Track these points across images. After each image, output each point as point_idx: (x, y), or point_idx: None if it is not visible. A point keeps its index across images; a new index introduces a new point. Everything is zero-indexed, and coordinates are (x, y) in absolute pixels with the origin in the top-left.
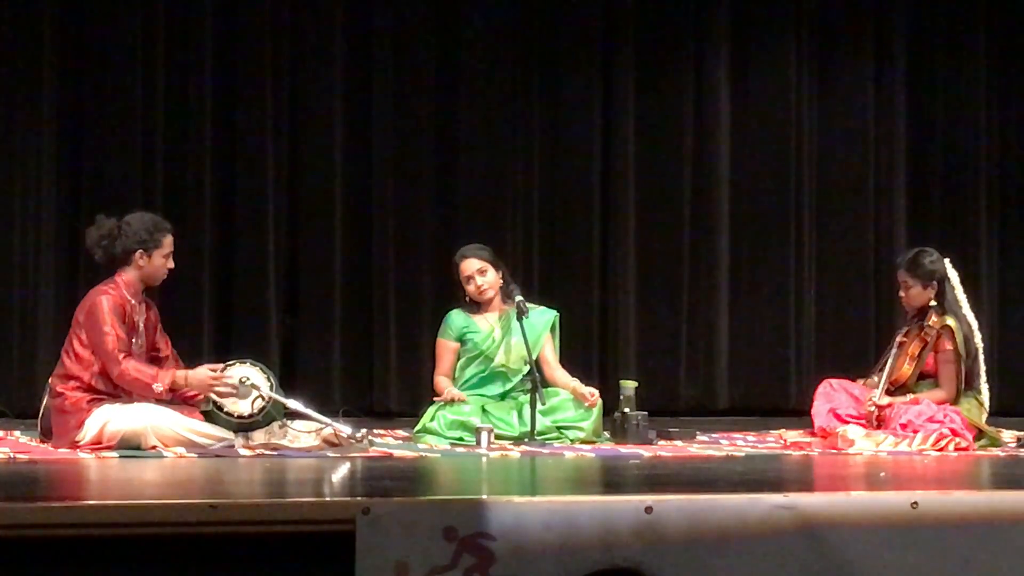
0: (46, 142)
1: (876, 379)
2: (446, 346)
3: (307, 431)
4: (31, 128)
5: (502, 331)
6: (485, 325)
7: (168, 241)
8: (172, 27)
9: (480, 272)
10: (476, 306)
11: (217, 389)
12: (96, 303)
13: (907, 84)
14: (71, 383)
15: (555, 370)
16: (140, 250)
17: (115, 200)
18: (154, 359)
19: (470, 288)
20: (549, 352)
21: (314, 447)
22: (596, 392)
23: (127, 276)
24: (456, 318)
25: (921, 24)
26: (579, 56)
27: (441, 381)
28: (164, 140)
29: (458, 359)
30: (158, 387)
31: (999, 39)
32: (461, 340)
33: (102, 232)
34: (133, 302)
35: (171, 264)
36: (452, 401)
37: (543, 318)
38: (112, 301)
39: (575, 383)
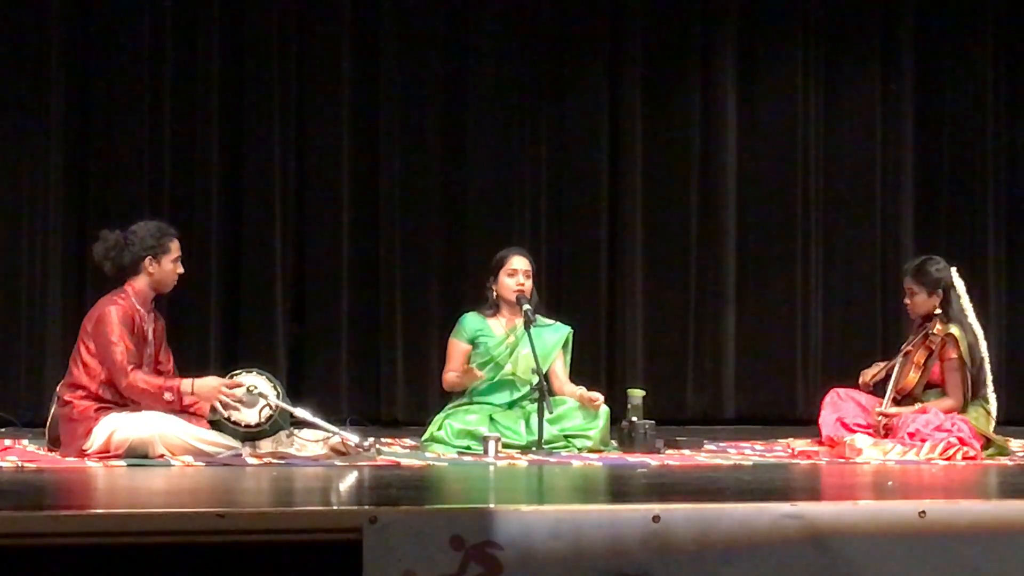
0: (53, 153)
1: (881, 367)
2: (458, 346)
3: (314, 440)
4: (38, 139)
5: (515, 339)
6: (499, 331)
7: (175, 246)
8: (179, 38)
9: (526, 274)
10: (492, 311)
11: (222, 398)
12: (105, 313)
13: (914, 91)
14: (78, 392)
15: (564, 384)
16: (149, 256)
17: (122, 210)
18: (157, 372)
19: (511, 282)
20: (559, 367)
21: (321, 456)
22: (600, 396)
23: (137, 285)
24: (471, 320)
25: (928, 31)
26: (586, 64)
27: (451, 375)
28: (171, 150)
29: (468, 363)
30: (168, 396)
31: (1007, 46)
32: (473, 343)
33: (108, 245)
34: (143, 311)
35: (180, 269)
36: (471, 389)
37: (557, 334)
38: (122, 311)
39: (580, 390)
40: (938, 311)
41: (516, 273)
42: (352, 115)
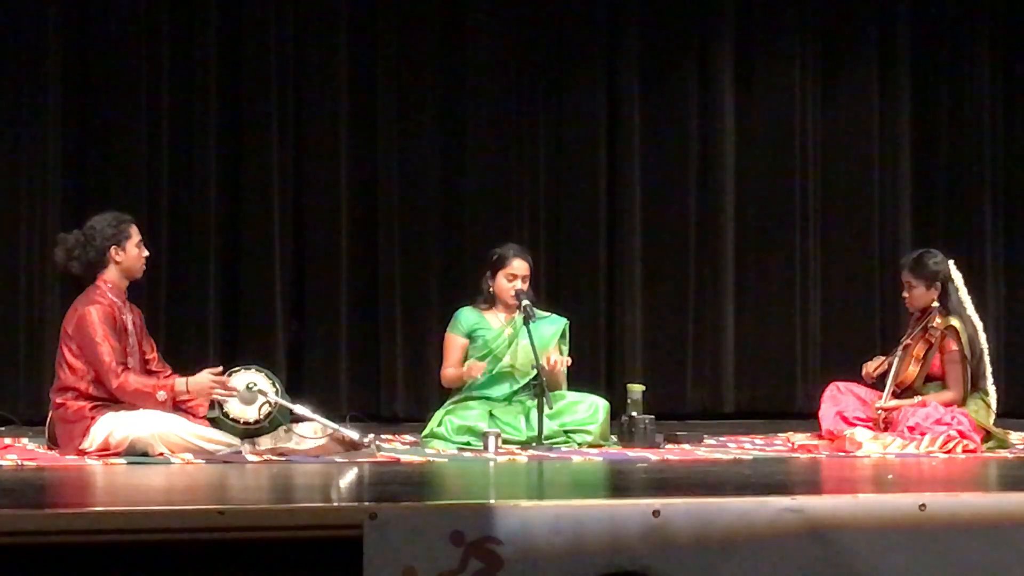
0: (51, 152)
1: (882, 362)
2: (455, 341)
3: (313, 431)
4: (36, 138)
5: (512, 332)
6: (496, 323)
7: (135, 230)
8: (176, 35)
9: (524, 279)
10: (488, 304)
11: (217, 392)
12: (85, 314)
13: (911, 86)
14: (69, 394)
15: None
16: (113, 246)
17: (120, 208)
18: (144, 362)
19: (509, 285)
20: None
21: (321, 446)
22: (560, 360)
23: (109, 277)
24: (467, 314)
25: (925, 27)
26: (584, 60)
27: (450, 371)
28: (169, 146)
29: (466, 358)
30: (161, 395)
31: (1003, 41)
32: (471, 337)
33: (68, 245)
34: (119, 303)
35: (145, 252)
36: (470, 384)
37: (554, 326)
38: (101, 310)
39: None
40: (936, 304)
41: (515, 278)
42: (350, 110)
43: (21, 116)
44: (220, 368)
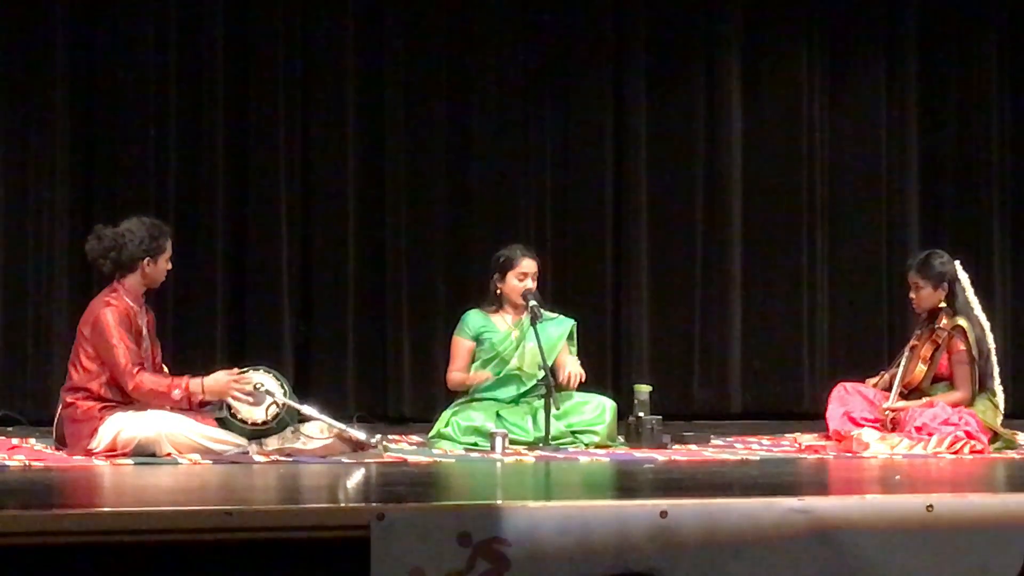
0: (58, 150)
1: (884, 376)
2: (462, 344)
3: (319, 432)
4: (44, 135)
5: (519, 334)
6: (503, 326)
7: (169, 244)
8: (184, 37)
9: (534, 277)
10: (495, 307)
11: (234, 392)
12: (100, 317)
13: (919, 86)
14: (80, 393)
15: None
16: (147, 257)
17: (128, 208)
18: (153, 365)
19: (520, 285)
20: (565, 358)
21: (328, 445)
22: (575, 376)
23: (130, 282)
24: (474, 317)
25: (932, 27)
26: (591, 58)
27: (456, 375)
28: (177, 147)
29: (473, 360)
30: (176, 394)
31: (1011, 40)
32: (478, 340)
33: (106, 244)
34: (135, 308)
35: (169, 266)
36: (476, 387)
37: (560, 327)
38: (117, 312)
39: (578, 369)
40: (943, 305)
41: (526, 277)
42: (357, 112)
43: (29, 119)
44: (236, 370)
